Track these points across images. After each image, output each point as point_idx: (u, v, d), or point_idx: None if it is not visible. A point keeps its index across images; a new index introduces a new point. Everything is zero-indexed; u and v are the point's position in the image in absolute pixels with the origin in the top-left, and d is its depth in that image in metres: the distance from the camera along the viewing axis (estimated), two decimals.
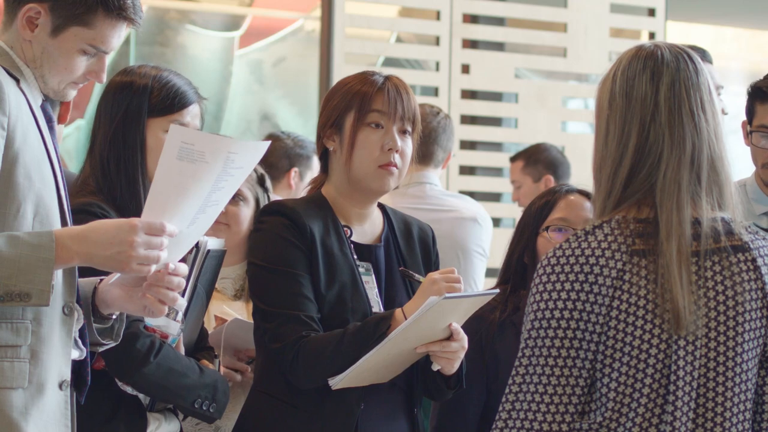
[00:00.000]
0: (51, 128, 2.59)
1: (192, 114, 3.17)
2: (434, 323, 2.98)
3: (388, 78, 3.20)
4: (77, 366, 2.57)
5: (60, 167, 2.55)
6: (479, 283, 4.99)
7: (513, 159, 6.42)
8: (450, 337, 3.03)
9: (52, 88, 2.57)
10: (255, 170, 3.92)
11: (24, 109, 2.48)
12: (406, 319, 2.98)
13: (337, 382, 3.01)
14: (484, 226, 5.00)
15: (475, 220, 4.96)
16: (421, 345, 3.01)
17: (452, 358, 3.06)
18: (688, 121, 2.41)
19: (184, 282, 2.55)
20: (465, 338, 3.06)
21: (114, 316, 2.63)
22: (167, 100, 3.12)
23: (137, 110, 3.12)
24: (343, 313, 3.10)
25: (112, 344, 2.66)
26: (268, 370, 3.17)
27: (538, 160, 6.24)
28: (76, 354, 2.54)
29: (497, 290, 3.18)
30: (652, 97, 2.41)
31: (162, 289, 2.51)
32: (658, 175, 2.39)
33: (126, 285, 2.55)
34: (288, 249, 3.09)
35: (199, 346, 3.28)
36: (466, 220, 4.92)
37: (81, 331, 2.56)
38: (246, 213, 3.81)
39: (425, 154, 4.89)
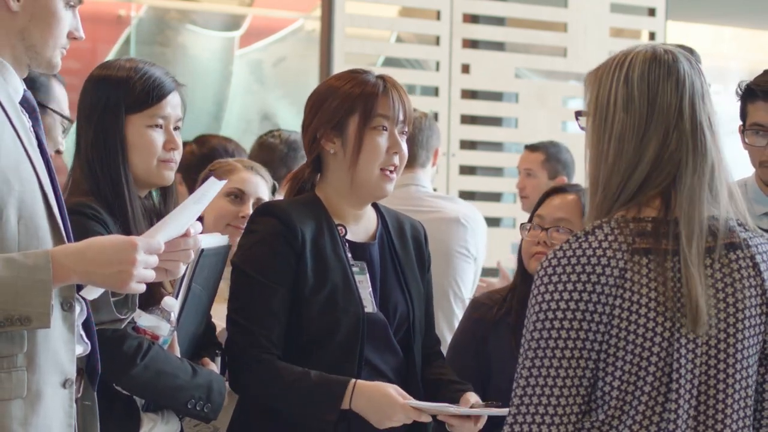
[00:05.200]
0: (35, 119, 2.54)
1: (172, 104, 3.14)
2: None
3: (385, 80, 3.21)
4: (85, 359, 2.55)
5: (44, 161, 2.50)
6: (466, 284, 4.95)
7: (532, 149, 6.36)
8: (469, 417, 3.11)
9: (45, 58, 2.52)
10: (266, 179, 3.94)
11: None
12: (351, 394, 3.06)
13: None
14: (469, 226, 4.92)
15: (457, 220, 4.89)
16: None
17: None
18: (708, 131, 2.42)
19: (200, 240, 2.56)
20: (483, 421, 3.13)
21: None
22: (143, 95, 3.09)
23: (115, 110, 3.09)
24: (335, 313, 3.12)
25: (131, 315, 2.65)
26: None
27: (559, 159, 6.24)
28: (80, 349, 2.52)
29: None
30: (677, 106, 2.41)
31: (180, 252, 2.53)
32: (678, 179, 2.39)
33: None
34: (272, 258, 3.11)
35: (206, 342, 3.27)
36: (448, 221, 4.87)
37: (85, 324, 2.54)
38: None
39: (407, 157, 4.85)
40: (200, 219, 2.61)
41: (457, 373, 3.33)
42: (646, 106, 2.41)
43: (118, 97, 3.09)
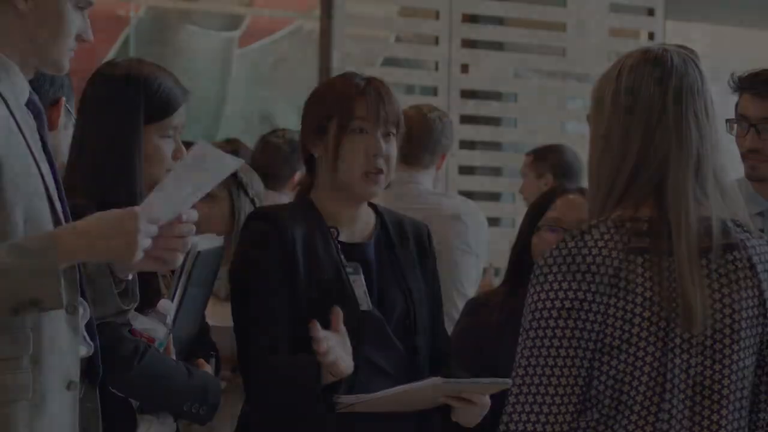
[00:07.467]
0: (40, 121, 2.55)
1: (180, 113, 3.13)
2: (426, 395, 3.09)
3: (369, 81, 3.18)
4: (86, 361, 2.55)
5: (48, 164, 2.51)
6: (470, 281, 4.94)
7: (528, 153, 6.43)
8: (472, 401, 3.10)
9: (53, 59, 2.53)
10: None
11: (3, 114, 2.44)
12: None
13: (341, 408, 3.05)
14: (468, 222, 4.91)
15: (457, 216, 4.88)
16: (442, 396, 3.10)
17: (470, 417, 3.13)
18: (694, 126, 2.41)
19: (194, 227, 2.52)
20: (488, 403, 3.11)
21: (129, 278, 2.62)
22: (161, 107, 3.07)
23: (135, 119, 3.05)
24: (328, 314, 3.09)
25: (134, 305, 2.65)
26: None
27: (545, 158, 6.25)
28: (83, 351, 2.53)
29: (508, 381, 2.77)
30: (660, 99, 2.41)
31: (176, 239, 2.49)
32: (667, 176, 2.39)
33: None
34: (266, 262, 3.11)
35: (201, 341, 3.27)
36: (446, 218, 4.85)
37: (88, 326, 2.54)
38: (214, 213, 3.80)
39: (409, 156, 4.85)
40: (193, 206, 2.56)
41: None
42: (631, 99, 2.41)
43: (138, 105, 3.06)
